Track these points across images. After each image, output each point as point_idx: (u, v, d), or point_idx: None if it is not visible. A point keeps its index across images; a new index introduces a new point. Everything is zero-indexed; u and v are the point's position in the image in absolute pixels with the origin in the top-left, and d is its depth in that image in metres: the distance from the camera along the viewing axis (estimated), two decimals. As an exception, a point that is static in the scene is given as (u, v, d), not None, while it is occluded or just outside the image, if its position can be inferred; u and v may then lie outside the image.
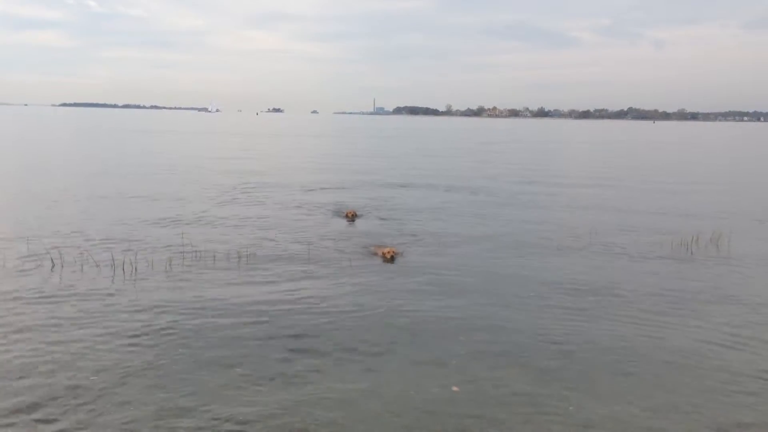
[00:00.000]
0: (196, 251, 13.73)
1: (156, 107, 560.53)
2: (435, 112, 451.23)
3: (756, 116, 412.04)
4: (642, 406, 7.16)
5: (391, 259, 13.49)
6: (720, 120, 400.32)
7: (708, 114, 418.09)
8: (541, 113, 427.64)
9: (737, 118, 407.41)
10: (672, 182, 31.91)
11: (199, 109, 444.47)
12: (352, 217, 17.81)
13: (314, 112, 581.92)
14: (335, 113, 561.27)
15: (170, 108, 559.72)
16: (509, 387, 7.58)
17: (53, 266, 12.45)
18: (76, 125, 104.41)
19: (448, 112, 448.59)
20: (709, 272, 13.26)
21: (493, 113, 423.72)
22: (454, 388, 7.49)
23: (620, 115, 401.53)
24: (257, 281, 11.78)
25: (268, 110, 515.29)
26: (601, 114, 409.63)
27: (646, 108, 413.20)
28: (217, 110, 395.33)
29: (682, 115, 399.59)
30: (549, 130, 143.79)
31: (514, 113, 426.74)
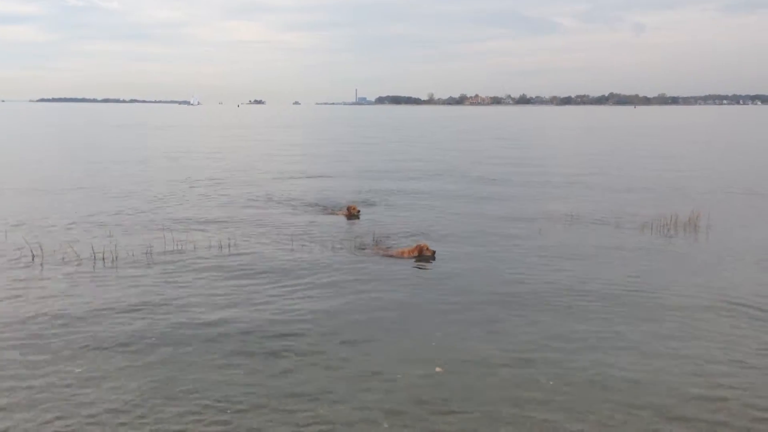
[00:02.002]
0: (177, 242, 13.71)
1: (136, 101, 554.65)
2: (417, 101, 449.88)
3: (735, 99, 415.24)
4: (622, 379, 7.28)
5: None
6: (700, 104, 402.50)
7: (688, 98, 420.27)
8: (523, 100, 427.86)
9: (717, 101, 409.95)
10: (652, 165, 32.16)
11: (180, 102, 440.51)
12: (357, 214, 16.62)
13: (296, 103, 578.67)
14: (317, 104, 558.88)
15: (151, 101, 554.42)
16: (491, 367, 7.67)
17: (33, 257, 12.37)
18: (53, 121, 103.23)
19: (431, 101, 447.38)
20: (685, 251, 13.45)
21: (476, 101, 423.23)
22: (438, 369, 7.56)
23: (601, 100, 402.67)
24: (238, 271, 11.77)
25: (250, 102, 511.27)
26: (583, 100, 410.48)
27: (627, 93, 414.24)
28: (198, 103, 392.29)
29: (663, 100, 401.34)
30: (531, 117, 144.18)
31: (496, 101, 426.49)
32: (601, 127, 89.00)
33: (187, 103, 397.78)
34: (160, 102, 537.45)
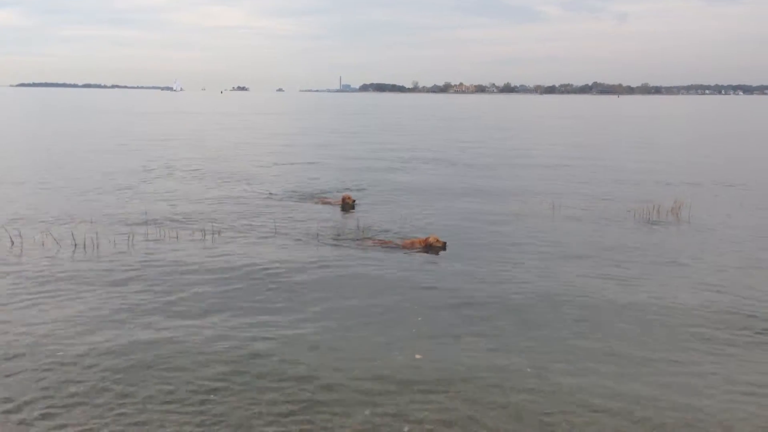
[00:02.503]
0: (159, 228, 13.60)
1: (117, 86, 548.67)
2: (402, 89, 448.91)
3: (717, 89, 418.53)
4: (602, 369, 7.32)
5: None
6: (683, 93, 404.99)
7: (671, 88, 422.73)
8: (508, 89, 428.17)
9: (699, 91, 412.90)
10: (636, 154, 32.37)
11: (163, 88, 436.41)
12: (352, 204, 16.19)
13: (280, 90, 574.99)
14: (301, 91, 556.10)
15: (132, 87, 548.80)
16: (470, 353, 7.72)
17: (12, 244, 12.23)
18: (34, 106, 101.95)
19: (415, 89, 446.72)
20: (667, 239, 13.55)
21: (460, 89, 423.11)
22: (417, 356, 7.58)
23: (585, 89, 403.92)
24: (221, 254, 11.70)
25: (233, 89, 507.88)
26: (567, 89, 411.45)
27: (611, 82, 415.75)
28: (181, 89, 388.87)
29: (646, 89, 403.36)
30: (516, 106, 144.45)
31: (480, 89, 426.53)
32: (586, 116, 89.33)
33: (170, 89, 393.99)
34: (142, 88, 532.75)
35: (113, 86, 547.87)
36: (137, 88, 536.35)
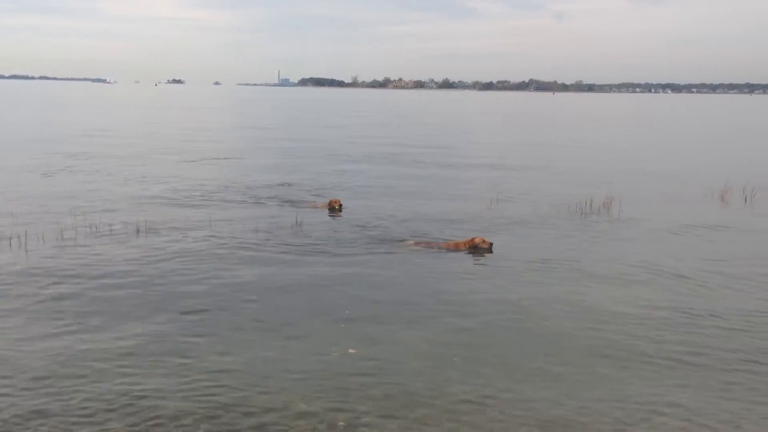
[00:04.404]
0: (90, 224, 13.20)
1: (46, 78, 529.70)
2: (341, 84, 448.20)
3: (647, 87, 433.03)
4: (529, 362, 7.48)
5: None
6: (614, 91, 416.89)
7: (603, 86, 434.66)
8: (446, 84, 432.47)
9: (630, 89, 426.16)
10: (570, 151, 33.17)
11: (94, 80, 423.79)
12: (339, 208, 15.29)
13: (217, 83, 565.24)
14: (239, 84, 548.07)
15: (62, 79, 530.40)
16: (404, 345, 7.81)
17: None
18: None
19: (354, 84, 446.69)
20: (599, 234, 13.90)
21: (399, 84, 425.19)
22: (351, 350, 7.60)
23: (522, 86, 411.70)
24: (153, 254, 11.43)
25: (168, 81, 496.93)
26: (504, 86, 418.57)
27: (546, 80, 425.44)
28: (114, 81, 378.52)
29: (580, 87, 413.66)
30: (455, 102, 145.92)
31: (419, 84, 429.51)
32: (524, 113, 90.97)
33: (103, 81, 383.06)
34: (72, 79, 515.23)
35: (41, 77, 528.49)
36: (67, 79, 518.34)
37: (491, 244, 12.15)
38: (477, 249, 12.02)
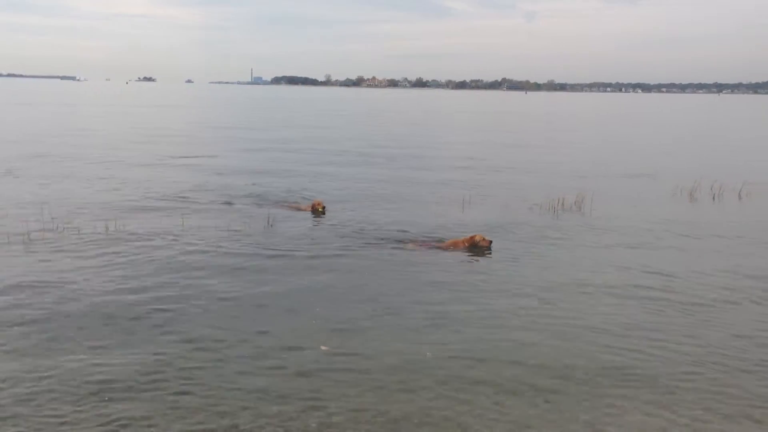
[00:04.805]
0: (59, 226, 13.00)
1: (13, 75, 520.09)
2: (314, 82, 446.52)
3: (618, 87, 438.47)
4: (502, 355, 7.53)
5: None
6: (586, 91, 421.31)
7: (575, 85, 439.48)
8: (420, 83, 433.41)
9: (601, 89, 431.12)
10: (543, 149, 33.45)
11: (63, 78, 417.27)
12: (322, 210, 15.02)
13: (189, 81, 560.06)
14: (211, 83, 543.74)
15: (31, 76, 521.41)
16: (375, 342, 7.84)
17: None
18: None
19: (328, 82, 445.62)
20: (570, 231, 14.03)
21: (373, 83, 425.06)
22: (323, 348, 7.60)
23: (495, 85, 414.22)
24: (122, 256, 11.29)
25: (139, 79, 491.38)
26: (477, 84, 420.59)
27: (519, 79, 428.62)
28: (85, 79, 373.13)
29: (552, 86, 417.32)
30: (429, 101, 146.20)
31: (393, 83, 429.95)
32: (497, 111, 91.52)
33: (72, 78, 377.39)
34: (41, 77, 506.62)
35: (8, 75, 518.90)
36: (36, 77, 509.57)
37: (491, 242, 12.18)
38: (476, 247, 12.02)
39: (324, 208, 15.19)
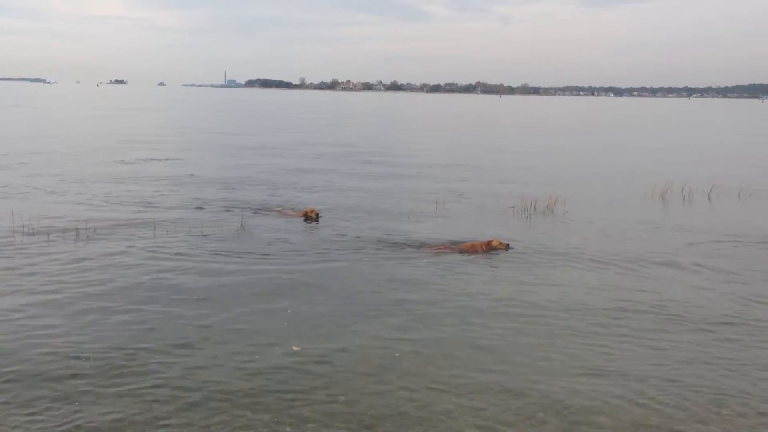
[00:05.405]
0: (28, 231, 12.78)
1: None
2: (289, 85, 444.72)
3: (591, 91, 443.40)
4: (474, 356, 7.56)
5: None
6: (559, 94, 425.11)
7: (548, 89, 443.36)
8: (395, 87, 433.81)
9: (574, 92, 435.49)
10: (517, 153, 33.69)
11: (33, 80, 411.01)
12: (315, 217, 14.81)
13: (161, 84, 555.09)
14: (184, 85, 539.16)
15: (0, 78, 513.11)
16: (348, 343, 7.83)
17: None
18: None
19: (302, 85, 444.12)
20: (543, 234, 14.13)
21: (347, 86, 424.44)
22: (295, 348, 7.58)
23: (469, 89, 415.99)
24: (94, 259, 11.13)
25: (110, 82, 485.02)
26: (452, 88, 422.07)
27: (493, 82, 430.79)
28: (55, 81, 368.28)
29: (526, 90, 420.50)
30: (404, 104, 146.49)
31: (367, 87, 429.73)
32: (472, 114, 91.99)
33: (42, 81, 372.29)
34: (10, 79, 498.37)
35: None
36: (5, 79, 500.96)
37: (507, 245, 12.41)
38: (494, 250, 12.25)
39: (318, 214, 14.99)
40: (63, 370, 6.88)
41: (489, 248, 12.28)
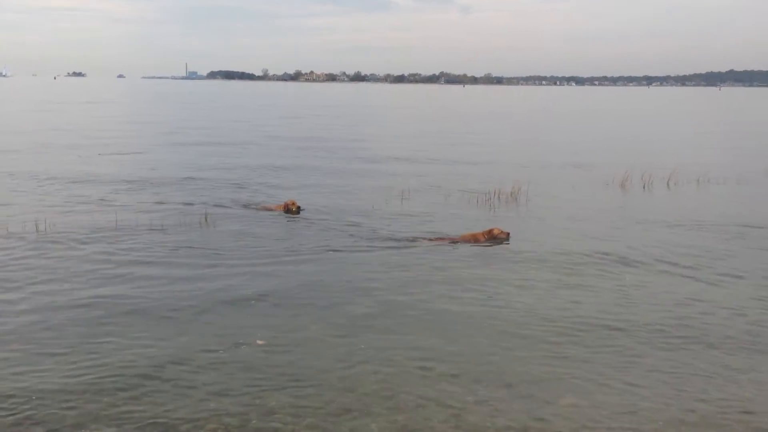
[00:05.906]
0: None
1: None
2: (251, 77, 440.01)
3: (553, 80, 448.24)
4: (422, 326, 7.64)
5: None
6: (522, 84, 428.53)
7: (511, 78, 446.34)
8: (358, 77, 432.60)
9: (537, 82, 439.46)
10: (479, 142, 33.92)
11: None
12: (296, 210, 14.59)
13: (121, 76, 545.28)
14: (144, 78, 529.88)
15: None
16: (314, 336, 7.83)
17: None
18: None
19: (265, 77, 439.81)
20: (508, 222, 14.28)
21: (311, 78, 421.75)
22: (259, 342, 7.57)
23: (433, 79, 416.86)
24: (57, 255, 10.96)
25: (68, 74, 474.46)
26: (415, 78, 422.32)
27: (457, 72, 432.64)
28: (10, 74, 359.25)
29: (489, 80, 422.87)
30: (368, 95, 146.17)
31: (331, 77, 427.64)
32: (436, 105, 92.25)
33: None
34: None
35: None
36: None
37: (508, 234, 12.40)
38: (495, 239, 12.22)
39: (299, 207, 14.81)
40: (23, 381, 6.76)
41: (490, 237, 12.26)
